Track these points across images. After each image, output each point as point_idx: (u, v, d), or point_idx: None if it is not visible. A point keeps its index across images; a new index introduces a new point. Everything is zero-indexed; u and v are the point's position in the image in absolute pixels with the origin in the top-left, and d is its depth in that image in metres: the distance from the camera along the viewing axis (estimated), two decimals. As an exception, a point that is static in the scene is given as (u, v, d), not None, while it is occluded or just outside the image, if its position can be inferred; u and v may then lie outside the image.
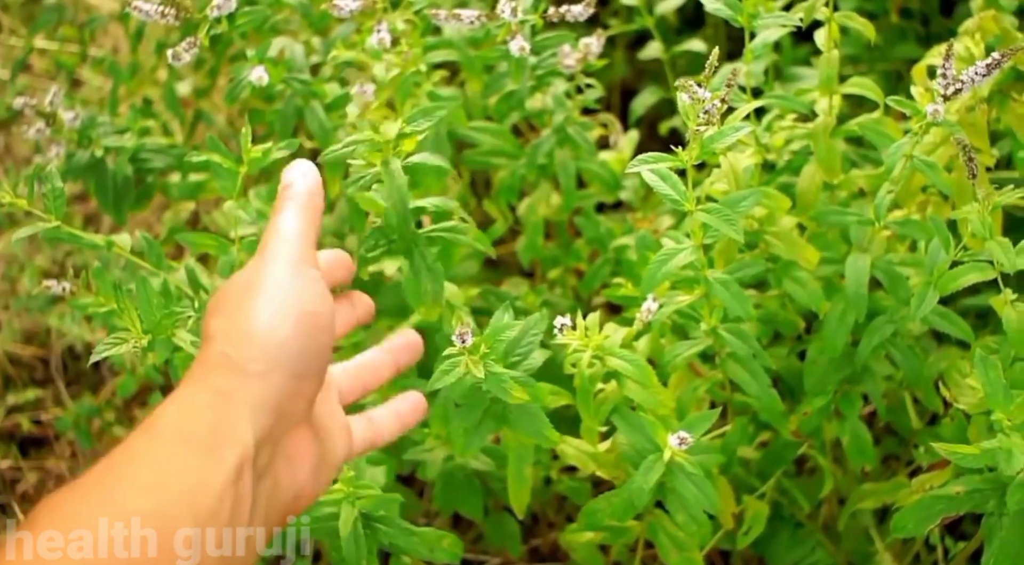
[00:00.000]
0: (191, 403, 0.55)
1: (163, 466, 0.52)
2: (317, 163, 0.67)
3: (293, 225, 0.61)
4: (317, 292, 0.60)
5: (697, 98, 0.74)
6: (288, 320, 0.57)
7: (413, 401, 0.71)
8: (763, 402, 0.87)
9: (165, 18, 0.89)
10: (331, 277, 0.67)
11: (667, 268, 0.80)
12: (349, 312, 0.70)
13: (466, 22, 0.90)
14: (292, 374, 0.57)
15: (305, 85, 1.04)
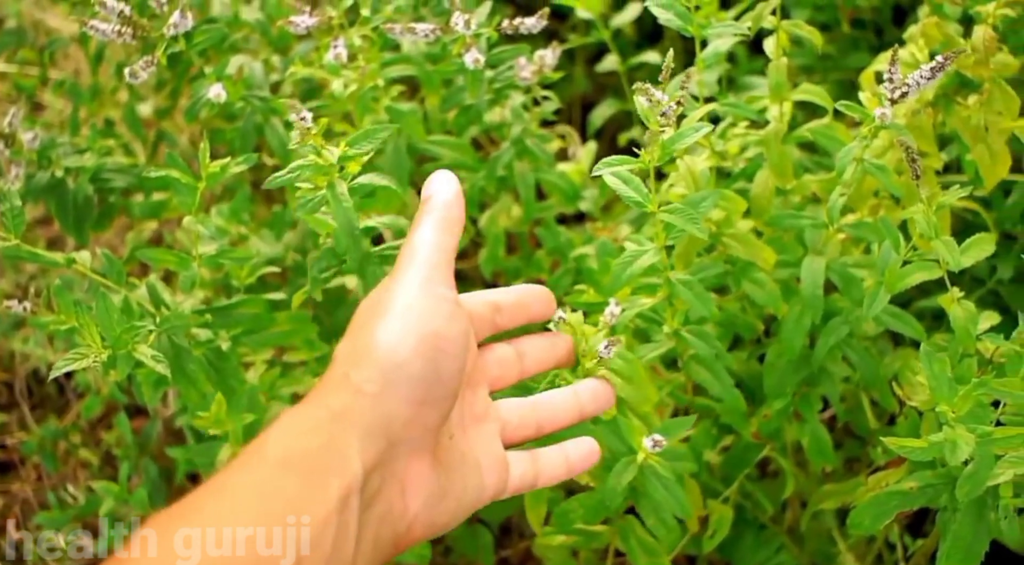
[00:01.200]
0: (302, 424, 0.53)
1: (265, 492, 0.50)
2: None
3: (429, 241, 0.59)
4: (445, 314, 0.57)
5: (655, 101, 0.75)
6: (408, 341, 0.55)
7: (586, 449, 0.67)
8: (726, 402, 0.88)
9: (122, 37, 0.89)
10: (526, 312, 0.66)
11: (631, 270, 0.81)
12: (547, 352, 0.68)
13: (421, 36, 0.91)
14: (409, 399, 0.54)
15: (265, 102, 1.05)
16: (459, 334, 0.57)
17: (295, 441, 0.52)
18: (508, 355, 0.67)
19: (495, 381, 0.66)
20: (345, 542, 0.50)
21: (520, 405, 0.66)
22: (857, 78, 1.36)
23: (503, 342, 0.67)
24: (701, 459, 0.94)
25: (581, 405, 0.68)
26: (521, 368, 0.67)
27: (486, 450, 0.62)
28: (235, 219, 1.13)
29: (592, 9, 1.18)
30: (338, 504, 0.50)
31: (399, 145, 1.06)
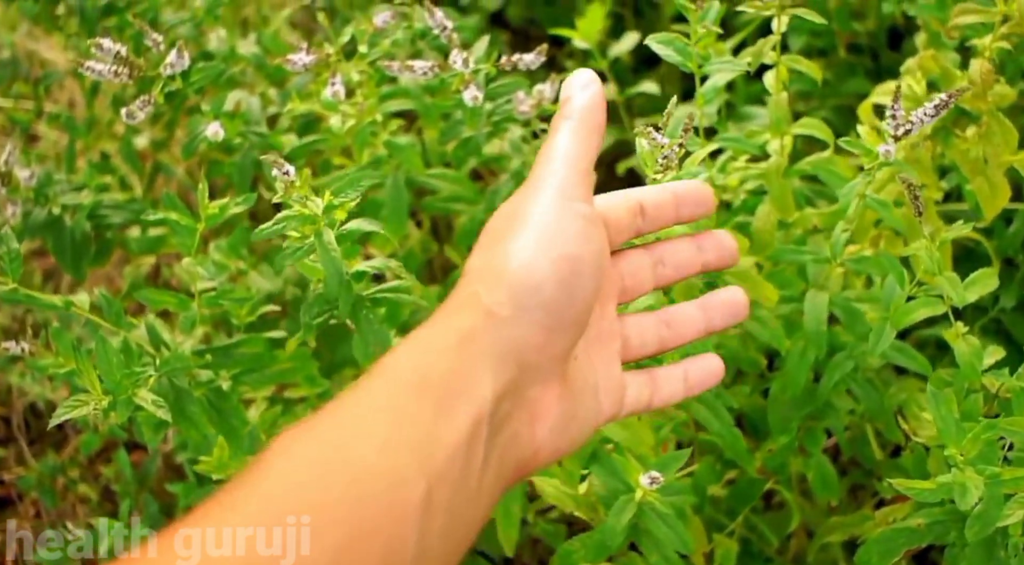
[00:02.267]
0: (431, 345, 0.50)
1: (396, 418, 0.48)
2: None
3: (565, 150, 0.55)
4: (582, 232, 0.53)
5: (656, 144, 0.75)
6: (543, 263, 0.51)
7: (708, 366, 0.62)
8: (726, 441, 0.88)
9: (119, 77, 0.89)
10: (674, 215, 0.60)
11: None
12: (692, 254, 0.62)
13: (419, 73, 0.90)
14: (541, 324, 0.51)
15: (262, 138, 1.05)
16: (595, 254, 0.53)
17: (425, 364, 0.49)
18: (644, 264, 0.61)
19: (624, 294, 0.61)
20: (472, 469, 0.49)
21: (644, 321, 0.61)
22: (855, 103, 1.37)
23: (639, 248, 0.61)
24: (705, 494, 0.93)
25: (709, 319, 0.62)
26: (656, 277, 0.62)
27: (606, 372, 0.58)
28: (234, 254, 1.12)
29: (589, 39, 1.18)
30: (468, 431, 0.48)
31: (398, 179, 1.06)
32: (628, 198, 0.60)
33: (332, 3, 1.41)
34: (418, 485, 0.46)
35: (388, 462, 0.46)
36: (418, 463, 0.47)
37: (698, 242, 0.62)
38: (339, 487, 0.45)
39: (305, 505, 0.44)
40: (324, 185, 1.11)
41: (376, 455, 0.46)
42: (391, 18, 0.95)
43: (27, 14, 1.46)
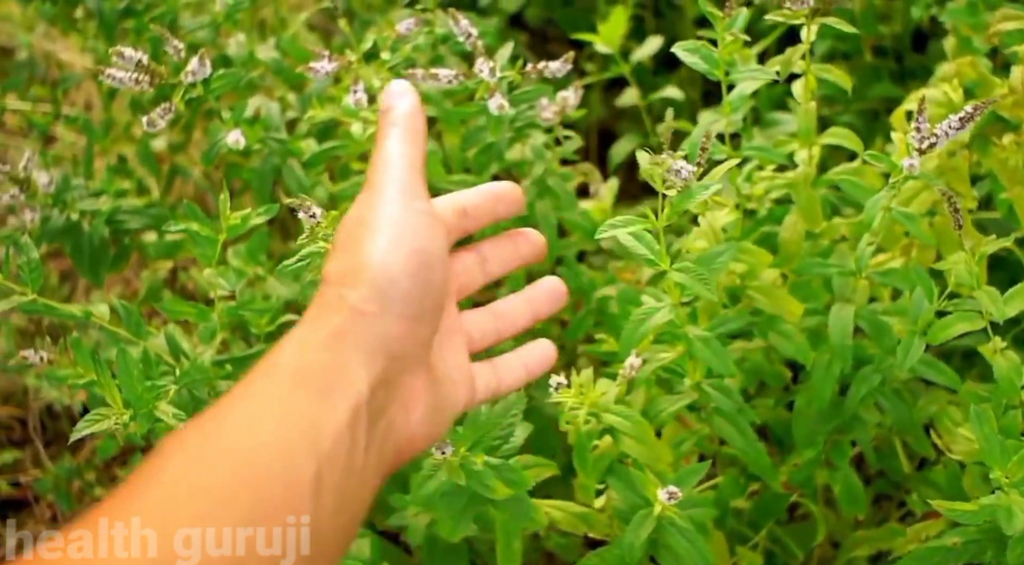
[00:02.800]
0: (307, 344, 0.54)
1: (283, 407, 0.51)
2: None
3: (400, 154, 0.58)
4: (426, 226, 0.57)
5: (658, 162, 0.74)
6: (398, 258, 0.55)
7: (542, 351, 0.67)
8: (751, 457, 0.87)
9: (139, 85, 0.88)
10: (493, 213, 0.64)
11: (645, 328, 0.80)
12: (510, 252, 0.66)
13: (444, 82, 0.89)
14: (404, 315, 0.55)
15: (282, 144, 1.04)
16: (441, 248, 0.58)
17: (303, 360, 0.53)
18: (472, 262, 0.66)
19: (461, 290, 0.65)
20: (356, 453, 0.52)
21: (480, 316, 0.66)
22: (880, 107, 1.35)
23: (465, 248, 0.66)
24: (728, 508, 0.92)
25: (535, 309, 0.68)
26: (484, 274, 0.67)
27: (457, 364, 0.62)
28: (252, 260, 1.11)
29: (611, 43, 1.17)
30: (349, 418, 0.52)
31: (418, 186, 1.05)
32: (453, 201, 0.64)
33: (351, 5, 1.40)
34: (309, 466, 0.50)
35: (279, 446, 0.50)
36: (307, 446, 0.50)
37: (513, 240, 0.67)
38: (235, 470, 0.48)
39: (204, 490, 0.48)
40: (343, 191, 1.10)
41: (268, 440, 0.50)
42: (414, 25, 0.94)
43: (44, 15, 1.46)
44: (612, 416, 0.83)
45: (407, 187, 0.58)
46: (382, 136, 0.60)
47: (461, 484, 0.74)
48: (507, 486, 0.74)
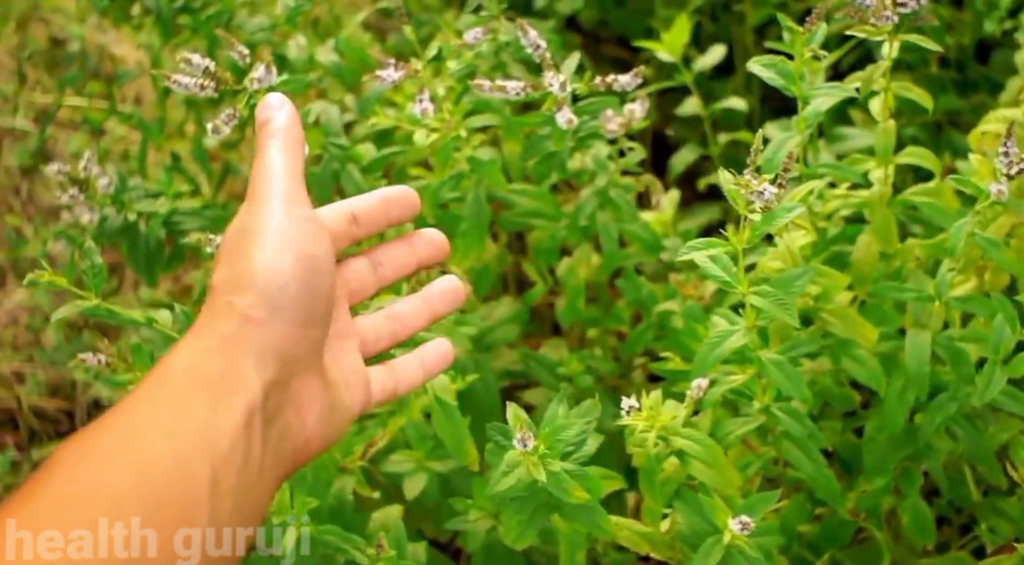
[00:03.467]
0: (198, 351, 0.55)
1: (177, 410, 0.52)
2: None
3: (281, 164, 0.59)
4: (311, 232, 0.58)
5: (742, 183, 0.72)
6: (285, 264, 0.56)
7: (439, 350, 0.68)
8: (819, 484, 0.85)
9: (204, 91, 0.87)
10: (386, 219, 0.65)
11: (719, 351, 0.78)
12: (405, 255, 0.67)
13: (512, 94, 0.88)
14: (294, 320, 0.56)
15: (343, 150, 1.03)
16: (327, 253, 0.59)
17: (196, 365, 0.54)
18: (364, 268, 0.67)
19: (353, 295, 0.66)
20: (252, 456, 0.53)
21: (375, 319, 0.67)
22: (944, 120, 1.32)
23: (357, 254, 0.67)
24: (793, 534, 0.90)
25: (432, 309, 0.68)
26: (378, 278, 0.67)
27: (350, 368, 0.63)
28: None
29: (673, 52, 1.15)
30: (244, 421, 0.53)
31: (479, 194, 1.03)
32: (341, 208, 0.64)
33: (407, 5, 1.38)
34: (204, 468, 0.50)
35: (174, 447, 0.50)
36: (202, 448, 0.51)
37: (410, 242, 0.68)
38: (130, 472, 0.49)
39: (97, 494, 0.48)
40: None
41: (162, 442, 0.50)
42: (482, 34, 0.92)
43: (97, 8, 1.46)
44: (682, 439, 0.81)
45: (289, 196, 0.58)
46: (262, 147, 0.61)
47: (534, 488, 0.73)
48: (584, 492, 0.73)
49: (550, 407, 0.75)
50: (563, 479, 0.72)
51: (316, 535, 0.81)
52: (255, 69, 0.88)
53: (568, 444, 0.74)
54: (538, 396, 1.13)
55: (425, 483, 0.97)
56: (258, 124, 0.62)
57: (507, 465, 0.72)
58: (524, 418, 0.73)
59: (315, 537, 0.81)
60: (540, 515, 0.79)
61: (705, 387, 0.85)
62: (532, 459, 0.71)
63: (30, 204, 1.74)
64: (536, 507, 0.78)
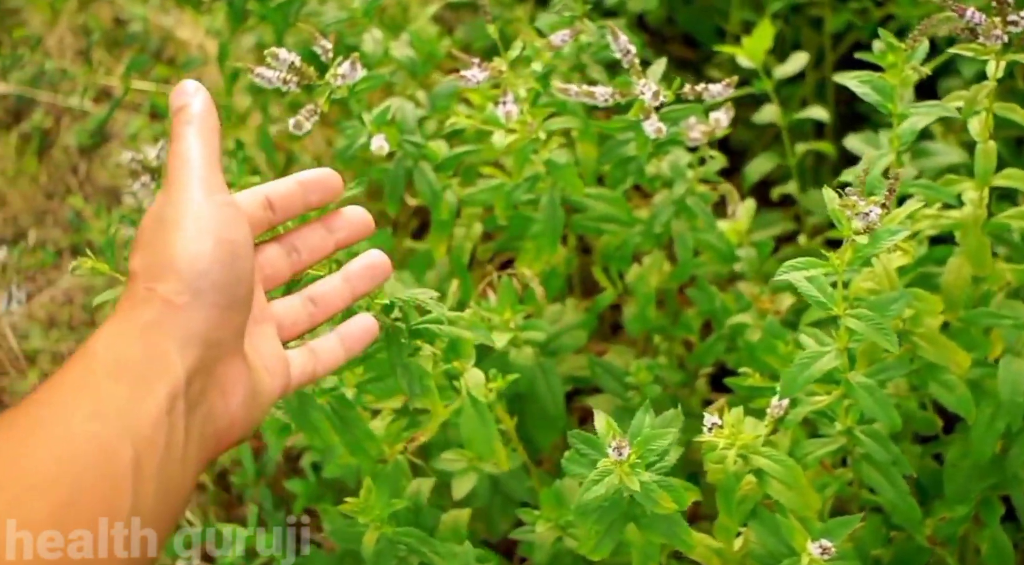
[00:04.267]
0: (120, 337, 0.55)
1: (99, 395, 0.52)
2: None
3: (198, 150, 0.59)
4: (230, 217, 0.58)
5: (849, 204, 0.70)
6: (206, 249, 0.56)
7: (362, 326, 0.68)
8: (900, 510, 0.83)
9: (287, 85, 0.86)
10: (302, 204, 0.66)
11: (810, 372, 0.76)
12: (322, 237, 0.67)
13: (600, 100, 0.86)
14: (216, 304, 0.56)
15: (418, 148, 1.01)
16: (246, 237, 0.59)
17: (118, 350, 0.54)
18: (278, 254, 0.67)
19: (267, 281, 0.66)
20: (175, 440, 0.53)
21: (291, 302, 0.67)
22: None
23: (271, 239, 0.67)
24: (868, 558, 0.88)
25: (353, 287, 0.68)
26: (293, 263, 0.67)
27: (269, 352, 0.63)
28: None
29: (755, 59, 1.13)
30: (167, 405, 0.53)
31: (554, 197, 1.02)
32: (256, 194, 0.65)
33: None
34: (127, 451, 0.51)
35: (97, 431, 0.51)
36: (124, 432, 0.51)
37: (327, 224, 0.68)
38: (52, 455, 0.49)
39: (17, 478, 0.49)
40: (472, 196, 1.08)
41: (85, 425, 0.51)
42: (569, 36, 0.91)
43: (163, -10, 1.45)
44: (762, 459, 0.79)
45: (207, 182, 0.58)
46: (178, 134, 0.60)
47: (615, 498, 0.72)
48: (672, 502, 0.71)
49: (636, 416, 0.74)
50: (653, 489, 0.71)
51: (394, 537, 0.80)
52: (339, 65, 0.87)
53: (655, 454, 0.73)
54: (602, 403, 1.11)
55: (475, 484, 0.96)
56: (173, 110, 0.62)
57: (598, 473, 0.71)
58: (615, 427, 0.72)
59: (393, 538, 0.80)
60: (619, 526, 0.78)
61: (786, 406, 0.84)
62: (624, 468, 0.70)
63: (87, 184, 1.74)
64: (616, 517, 0.77)
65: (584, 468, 0.78)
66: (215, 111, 0.62)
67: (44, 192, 1.72)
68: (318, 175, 0.67)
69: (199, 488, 1.39)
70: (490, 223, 1.15)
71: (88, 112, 1.71)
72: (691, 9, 1.63)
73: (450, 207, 1.06)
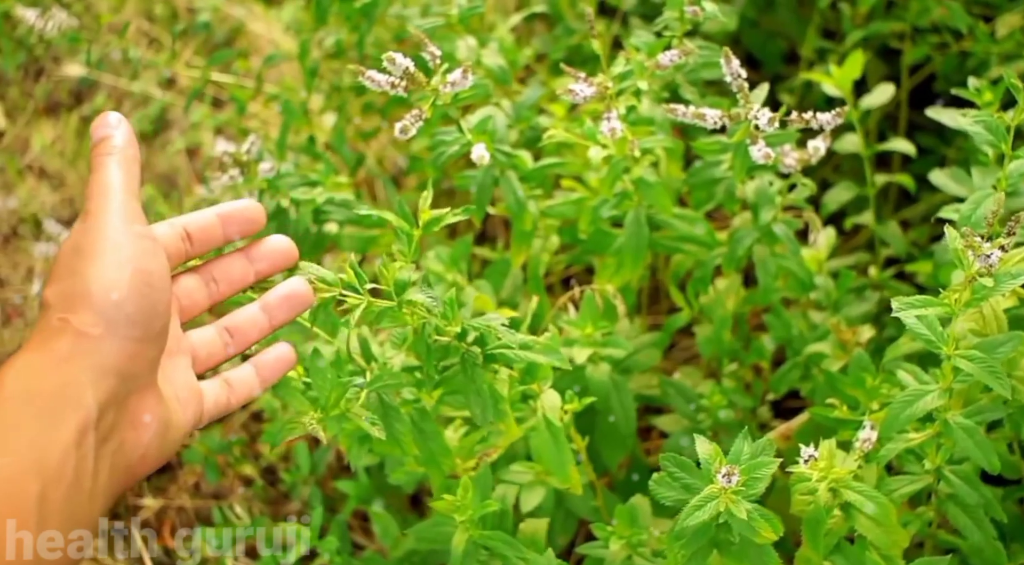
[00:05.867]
0: (32, 369, 0.55)
1: (8, 427, 0.53)
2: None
3: (118, 181, 0.60)
4: (147, 249, 0.58)
5: (973, 245, 0.70)
6: (122, 280, 0.56)
7: (278, 356, 0.68)
8: (985, 553, 0.83)
9: (395, 89, 0.86)
10: (221, 236, 0.66)
11: (912, 410, 0.77)
12: (242, 268, 0.67)
13: (710, 123, 0.86)
14: (130, 336, 0.56)
15: (508, 157, 1.01)
16: (164, 268, 0.59)
17: (30, 382, 0.54)
18: (196, 285, 0.67)
19: (183, 313, 0.66)
20: (84, 473, 0.54)
21: (207, 334, 0.67)
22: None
23: (189, 270, 0.67)
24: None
25: (272, 317, 0.68)
26: (211, 294, 0.68)
27: (183, 384, 0.63)
28: (453, 266, 1.10)
29: (843, 88, 1.13)
30: (75, 438, 0.53)
31: (640, 215, 1.02)
32: (173, 226, 0.65)
33: (558, 10, 1.37)
34: (33, 485, 0.51)
35: (3, 463, 0.51)
36: (32, 465, 0.52)
37: (248, 255, 0.68)
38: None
39: None
40: (553, 208, 1.08)
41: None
42: (677, 57, 0.91)
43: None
44: (853, 494, 0.79)
45: (125, 213, 0.59)
46: (98, 165, 0.61)
47: (722, 522, 0.72)
48: (771, 532, 0.71)
49: (736, 443, 0.74)
50: (756, 519, 0.70)
51: (480, 540, 0.80)
52: (449, 72, 0.87)
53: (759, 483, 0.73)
54: (671, 423, 1.12)
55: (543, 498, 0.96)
56: (94, 141, 0.62)
57: (702, 498, 0.71)
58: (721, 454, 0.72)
59: (479, 541, 0.80)
60: (705, 552, 0.78)
61: (873, 439, 0.83)
62: (730, 496, 0.70)
63: (146, 170, 1.74)
64: (704, 544, 0.76)
65: (674, 491, 0.78)
66: (136, 143, 0.63)
67: (102, 175, 1.72)
68: (238, 207, 0.67)
69: (246, 483, 1.39)
70: (566, 236, 1.15)
71: (149, 97, 1.71)
72: (758, 32, 1.63)
73: (533, 218, 1.06)
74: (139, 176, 0.62)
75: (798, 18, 1.51)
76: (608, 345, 1.01)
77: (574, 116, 1.18)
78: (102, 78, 1.74)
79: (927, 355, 0.92)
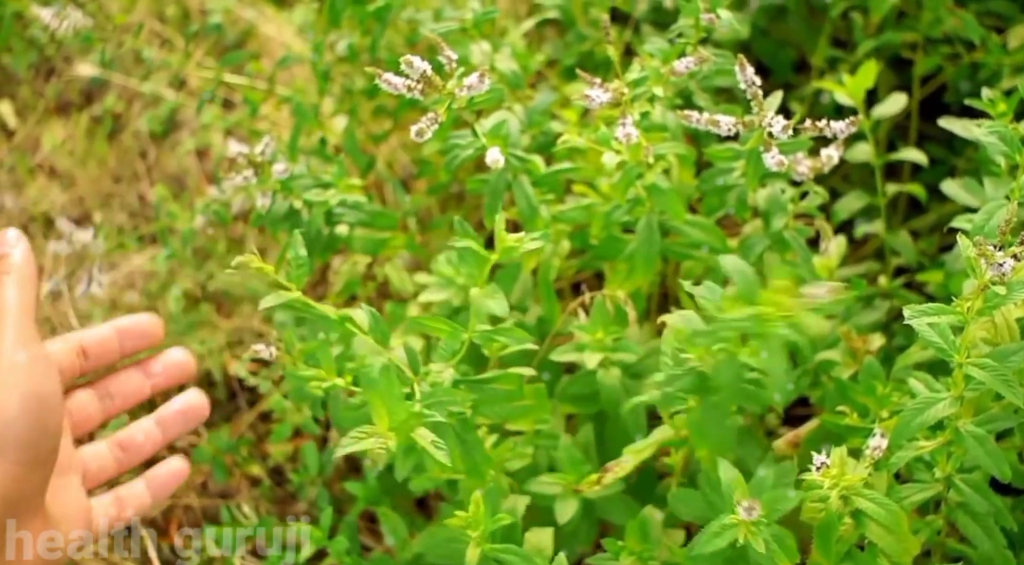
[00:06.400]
0: None
1: None
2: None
3: (15, 300, 0.59)
4: (40, 370, 0.57)
5: (986, 253, 0.71)
6: (13, 402, 0.55)
7: (170, 471, 0.68)
8: (994, 561, 0.83)
9: (412, 92, 0.87)
10: (117, 350, 0.66)
11: (923, 418, 0.77)
12: (138, 382, 0.67)
13: (724, 130, 0.87)
14: (20, 461, 0.55)
15: (521, 162, 1.02)
16: (56, 389, 0.58)
17: None
18: (89, 400, 0.67)
19: (75, 428, 0.66)
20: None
21: (99, 448, 0.66)
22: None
23: (83, 385, 0.67)
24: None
25: (166, 431, 0.68)
26: (105, 408, 0.67)
27: (72, 502, 0.62)
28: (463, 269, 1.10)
29: (855, 97, 1.13)
30: None
31: (652, 221, 1.02)
32: (68, 341, 0.65)
33: (570, 17, 1.37)
34: None
35: None
36: None
37: (145, 369, 0.68)
38: None
39: None
40: (564, 213, 1.08)
41: None
42: (694, 63, 0.91)
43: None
44: (865, 501, 0.79)
45: (21, 334, 0.58)
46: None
47: (750, 547, 0.72)
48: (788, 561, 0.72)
49: (759, 471, 0.74)
50: (775, 549, 0.71)
51: (491, 553, 0.80)
52: (466, 76, 0.88)
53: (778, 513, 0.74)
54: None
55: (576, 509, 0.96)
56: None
57: (721, 526, 0.71)
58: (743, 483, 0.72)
59: (490, 554, 0.80)
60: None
61: (883, 446, 0.84)
62: (749, 527, 0.70)
63: (155, 170, 1.75)
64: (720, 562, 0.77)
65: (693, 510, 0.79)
66: (34, 261, 0.62)
67: (112, 176, 1.73)
68: (136, 322, 0.67)
69: (253, 483, 1.39)
70: (577, 241, 1.15)
71: (160, 98, 1.72)
72: (768, 40, 1.63)
73: (545, 223, 1.06)
74: (36, 293, 0.61)
75: (809, 27, 1.51)
76: (619, 350, 1.01)
77: (586, 122, 1.19)
78: (113, 78, 1.74)
79: (938, 363, 0.92)
